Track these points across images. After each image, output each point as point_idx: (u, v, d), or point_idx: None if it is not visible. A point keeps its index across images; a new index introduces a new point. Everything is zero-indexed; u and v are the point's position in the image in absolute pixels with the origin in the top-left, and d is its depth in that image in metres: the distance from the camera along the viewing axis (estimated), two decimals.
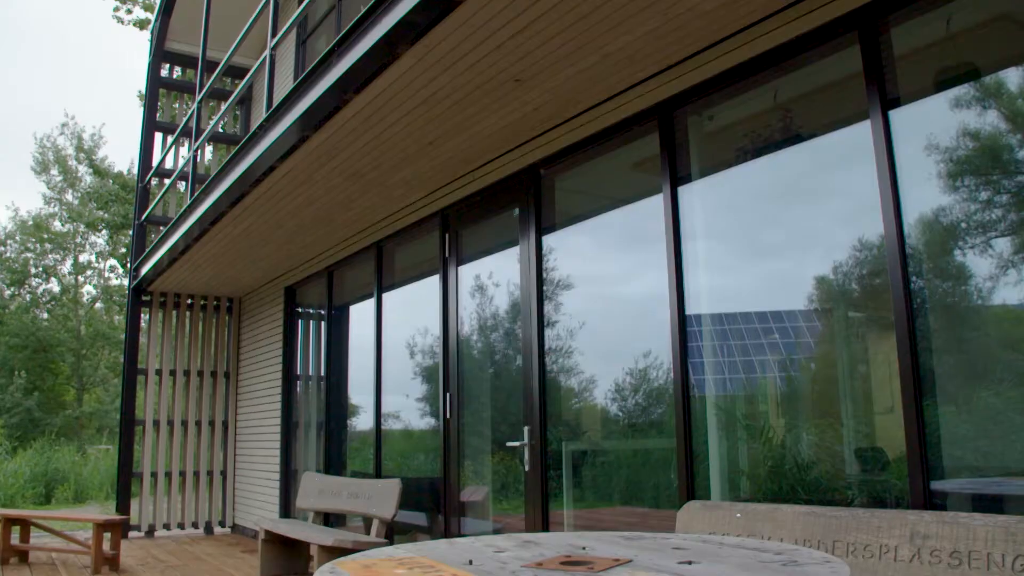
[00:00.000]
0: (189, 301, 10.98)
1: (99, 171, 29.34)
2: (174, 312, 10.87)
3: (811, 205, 4.05)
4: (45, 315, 31.44)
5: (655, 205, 4.60)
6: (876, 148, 3.49)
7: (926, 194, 3.40)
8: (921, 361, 3.27)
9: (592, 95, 4.73)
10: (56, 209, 31.83)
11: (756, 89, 4.19)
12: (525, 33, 3.95)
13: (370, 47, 4.28)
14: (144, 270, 9.93)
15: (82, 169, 31.29)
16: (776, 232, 4.16)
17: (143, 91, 12.53)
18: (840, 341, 3.83)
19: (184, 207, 7.97)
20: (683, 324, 4.34)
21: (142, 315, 10.71)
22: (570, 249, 5.35)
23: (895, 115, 3.50)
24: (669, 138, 4.53)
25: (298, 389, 9.53)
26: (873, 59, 3.57)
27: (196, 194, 7.55)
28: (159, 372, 10.63)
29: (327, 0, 8.71)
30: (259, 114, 11.24)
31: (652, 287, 4.57)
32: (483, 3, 3.69)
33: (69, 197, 31.68)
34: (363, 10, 4.36)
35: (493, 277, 6.05)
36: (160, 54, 11.34)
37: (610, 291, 5.21)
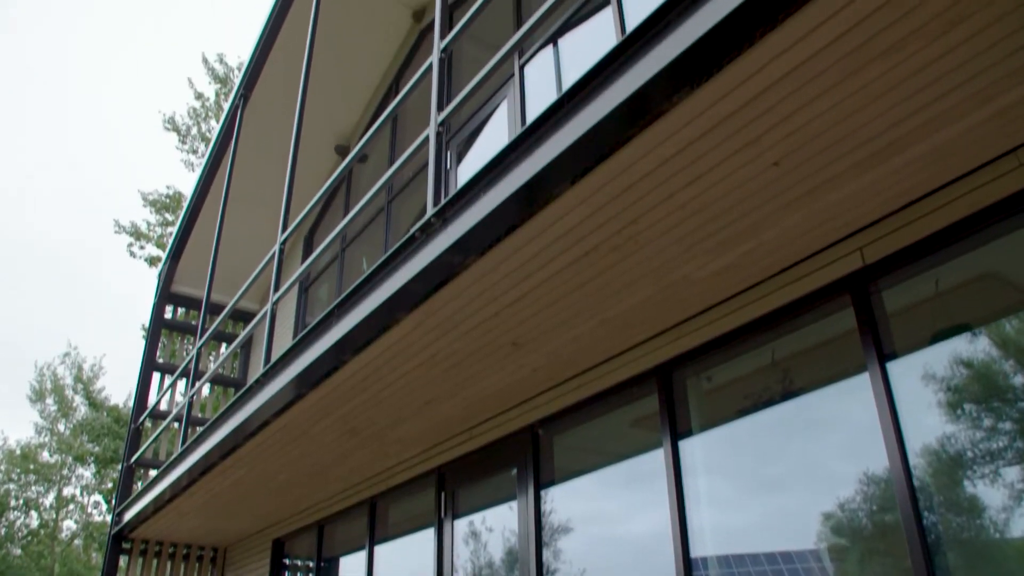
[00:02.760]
0: (171, 550, 10.44)
1: (95, 404, 29.22)
2: (155, 561, 10.30)
3: (814, 444, 3.97)
4: (18, 551, 30.00)
5: (656, 459, 4.53)
6: (877, 399, 3.50)
7: (928, 427, 3.38)
8: None
9: (590, 357, 4.76)
10: (47, 439, 31.38)
11: (754, 350, 4.21)
12: (522, 302, 4.01)
13: (369, 312, 4.33)
14: (127, 516, 9.52)
15: (78, 399, 31.18)
16: (781, 475, 4.06)
17: (146, 325, 12.70)
18: None
19: (173, 456, 7.78)
20: (688, 569, 4.12)
21: (120, 563, 10.15)
22: (570, 497, 5.19)
23: (893, 367, 3.54)
24: (669, 397, 4.52)
25: None
26: (867, 317, 3.66)
27: (187, 445, 7.40)
28: None
29: (330, 252, 9.03)
30: (258, 357, 11.32)
31: (655, 531, 4.43)
32: (479, 275, 3.78)
33: (61, 427, 31.34)
34: (364, 275, 4.45)
35: (490, 527, 5.82)
36: (165, 296, 11.59)
37: (612, 533, 5.00)
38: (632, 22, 5.57)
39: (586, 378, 4.97)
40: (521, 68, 6.62)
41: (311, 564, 8.44)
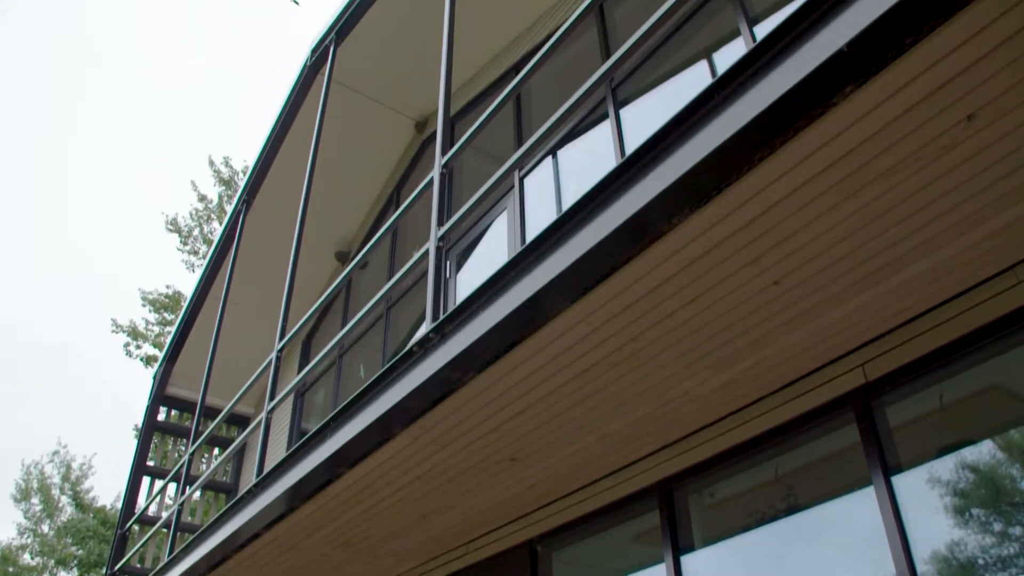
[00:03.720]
0: None
1: (81, 505, 28.49)
2: None
3: (820, 557, 3.86)
4: None
5: (658, 575, 4.40)
6: (883, 513, 3.44)
7: (935, 538, 3.30)
8: None
9: (590, 473, 4.68)
10: (29, 540, 30.41)
11: (757, 466, 4.15)
12: (521, 417, 3.96)
13: (365, 426, 4.25)
14: None
15: (64, 500, 30.40)
16: None
17: (139, 425, 12.51)
18: None
19: (158, 567, 7.53)
20: None
21: None
22: None
23: (898, 480, 3.49)
24: (670, 513, 4.43)
25: None
26: (871, 432, 3.61)
27: (173, 555, 7.17)
28: None
29: (327, 359, 8.97)
30: (251, 462, 11.11)
31: None
32: (477, 391, 3.74)
33: (45, 528, 30.44)
34: (360, 388, 4.40)
35: None
36: (159, 398, 11.44)
37: None
38: (631, 138, 5.70)
39: (586, 493, 4.86)
40: (521, 180, 6.74)
41: None
